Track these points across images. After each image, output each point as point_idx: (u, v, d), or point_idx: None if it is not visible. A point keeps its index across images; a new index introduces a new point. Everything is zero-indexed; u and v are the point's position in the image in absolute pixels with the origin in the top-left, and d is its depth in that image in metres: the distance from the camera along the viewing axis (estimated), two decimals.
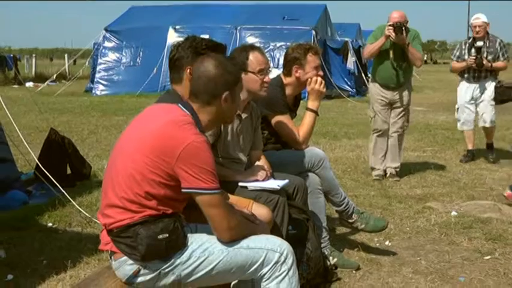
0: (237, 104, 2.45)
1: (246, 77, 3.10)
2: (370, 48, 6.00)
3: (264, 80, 3.15)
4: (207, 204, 2.17)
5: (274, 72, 3.89)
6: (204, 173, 2.14)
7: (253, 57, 3.14)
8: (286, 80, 3.74)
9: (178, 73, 2.82)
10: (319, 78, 3.64)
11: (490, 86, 6.89)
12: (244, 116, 3.17)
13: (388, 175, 6.15)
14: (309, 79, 3.64)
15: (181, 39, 2.97)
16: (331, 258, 3.54)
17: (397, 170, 6.19)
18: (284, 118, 3.62)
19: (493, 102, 6.90)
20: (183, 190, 2.17)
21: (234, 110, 2.47)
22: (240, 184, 3.06)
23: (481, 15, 6.81)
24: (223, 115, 2.39)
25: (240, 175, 3.12)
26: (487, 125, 6.99)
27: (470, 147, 7.18)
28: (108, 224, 2.23)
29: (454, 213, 4.81)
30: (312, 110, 3.66)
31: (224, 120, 2.49)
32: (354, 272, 3.58)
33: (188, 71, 2.75)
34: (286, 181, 3.12)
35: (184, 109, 2.29)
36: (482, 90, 6.90)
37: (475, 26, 6.78)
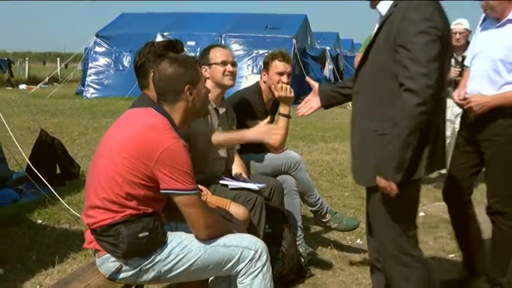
0: (205, 94, 2.48)
1: (210, 71, 3.33)
2: (358, 58, 5.85)
3: (226, 69, 3.33)
4: (184, 204, 2.25)
5: (253, 79, 4.09)
6: (181, 175, 2.21)
7: (215, 51, 3.36)
8: (263, 86, 3.88)
9: (145, 78, 2.85)
10: (284, 85, 3.70)
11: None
12: (221, 111, 3.36)
13: None
14: (273, 86, 3.75)
15: None
16: (305, 255, 3.69)
17: None
18: (261, 123, 3.78)
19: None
20: (161, 191, 2.24)
21: (204, 101, 2.49)
22: (221, 182, 3.22)
23: (463, 21, 5.87)
24: (194, 109, 2.43)
25: (247, 135, 3.29)
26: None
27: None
28: (92, 223, 2.32)
29: (421, 213, 4.97)
30: (284, 115, 3.76)
31: (199, 113, 2.52)
32: (326, 268, 3.73)
33: (153, 74, 2.70)
34: (264, 185, 3.30)
35: (158, 112, 2.35)
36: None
37: (455, 33, 5.70)
